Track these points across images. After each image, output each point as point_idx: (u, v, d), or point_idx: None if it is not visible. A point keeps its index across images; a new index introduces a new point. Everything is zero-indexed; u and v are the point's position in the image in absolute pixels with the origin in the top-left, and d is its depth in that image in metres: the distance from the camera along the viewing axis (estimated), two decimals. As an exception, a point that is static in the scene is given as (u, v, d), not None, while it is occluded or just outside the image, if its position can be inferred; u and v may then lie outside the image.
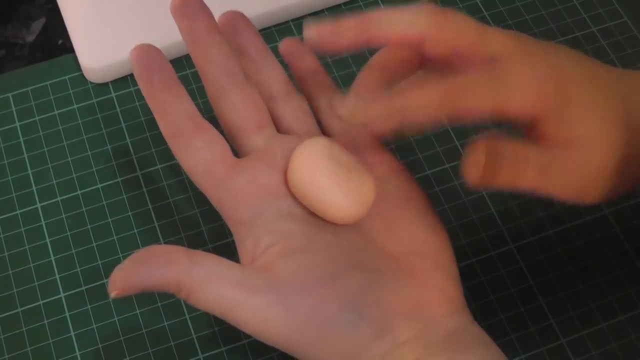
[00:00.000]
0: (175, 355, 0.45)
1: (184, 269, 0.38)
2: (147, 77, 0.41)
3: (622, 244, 0.48)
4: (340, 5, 0.56)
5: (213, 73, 0.43)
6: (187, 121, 0.41)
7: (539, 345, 0.45)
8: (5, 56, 0.55)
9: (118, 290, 0.38)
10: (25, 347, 0.45)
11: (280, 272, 0.38)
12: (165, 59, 0.42)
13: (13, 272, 0.47)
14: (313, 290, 0.37)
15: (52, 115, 0.52)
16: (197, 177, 0.41)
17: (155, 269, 0.38)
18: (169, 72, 0.42)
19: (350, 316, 0.37)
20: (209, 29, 0.43)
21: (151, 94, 0.41)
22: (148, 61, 0.42)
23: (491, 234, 0.48)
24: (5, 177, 0.50)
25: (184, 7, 0.43)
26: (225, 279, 0.38)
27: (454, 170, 0.50)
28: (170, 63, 0.42)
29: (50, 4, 0.56)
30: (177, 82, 0.42)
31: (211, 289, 0.38)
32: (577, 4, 0.56)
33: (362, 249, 0.39)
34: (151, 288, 0.38)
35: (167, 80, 0.42)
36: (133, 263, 0.38)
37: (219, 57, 0.43)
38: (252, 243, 0.39)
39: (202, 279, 0.38)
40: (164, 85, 0.41)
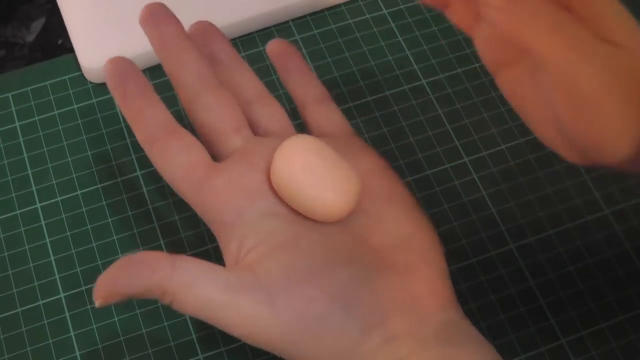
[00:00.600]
0: (175, 355, 0.45)
1: (166, 274, 0.38)
2: (121, 86, 0.42)
3: (622, 244, 0.48)
4: (340, 5, 0.56)
5: (186, 78, 0.43)
6: (163, 127, 0.41)
7: (539, 345, 0.45)
8: (5, 56, 0.55)
9: (101, 298, 0.38)
10: (25, 347, 0.45)
11: (265, 272, 0.38)
12: (138, 69, 0.42)
13: (13, 272, 0.47)
14: (299, 288, 0.37)
15: (52, 115, 0.52)
16: (176, 182, 0.41)
17: (136, 276, 0.38)
18: (142, 81, 0.42)
19: (338, 312, 0.37)
20: (178, 35, 0.43)
21: (125, 102, 0.42)
22: (121, 71, 0.42)
23: (491, 234, 0.48)
24: (5, 177, 0.50)
25: (152, 16, 0.43)
26: (209, 281, 0.38)
27: (454, 170, 0.50)
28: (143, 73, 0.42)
29: (50, 4, 0.56)
30: (151, 90, 0.42)
31: (194, 292, 0.37)
32: (577, 4, 0.56)
33: (348, 246, 0.39)
34: (134, 295, 0.38)
35: (141, 88, 0.42)
36: (114, 270, 0.38)
37: (190, 61, 0.43)
38: (235, 244, 0.39)
39: (184, 283, 0.38)
40: (138, 93, 0.42)
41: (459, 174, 0.50)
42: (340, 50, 0.55)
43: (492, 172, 0.50)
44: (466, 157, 0.51)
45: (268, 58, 0.54)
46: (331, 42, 0.55)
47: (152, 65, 0.54)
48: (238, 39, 0.55)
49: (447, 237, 0.47)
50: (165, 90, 0.53)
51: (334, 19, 0.56)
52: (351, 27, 0.55)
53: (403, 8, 0.56)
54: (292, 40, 0.55)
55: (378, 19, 0.56)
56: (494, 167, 0.50)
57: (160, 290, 0.38)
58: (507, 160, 0.50)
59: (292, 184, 0.39)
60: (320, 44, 0.55)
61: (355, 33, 0.55)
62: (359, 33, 0.55)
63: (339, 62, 0.54)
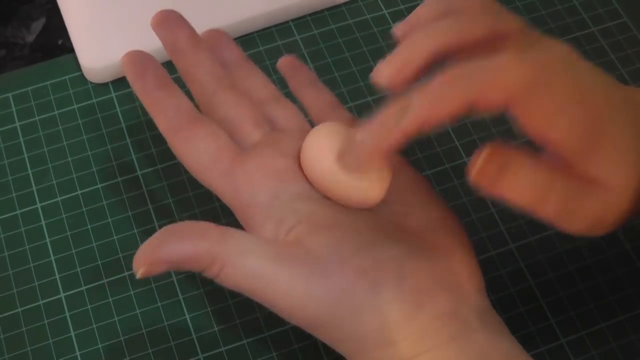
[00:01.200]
0: (175, 355, 0.45)
1: (217, 239, 0.37)
2: (141, 77, 0.41)
3: (622, 244, 0.48)
4: (340, 5, 0.56)
5: (202, 77, 0.43)
6: (186, 116, 0.41)
7: (539, 345, 0.45)
8: (5, 56, 0.55)
9: (144, 267, 0.36)
10: (25, 347, 0.45)
11: (316, 245, 0.37)
12: (156, 60, 0.42)
13: (13, 272, 0.47)
14: (352, 260, 0.37)
15: (52, 115, 0.52)
16: (202, 170, 0.40)
17: (186, 241, 0.37)
18: (161, 72, 0.42)
19: (392, 284, 0.36)
20: (192, 37, 0.43)
21: (145, 92, 0.41)
22: (139, 63, 0.42)
23: (491, 234, 0.48)
24: (5, 177, 0.50)
25: (166, 21, 0.43)
26: (260, 251, 0.37)
27: (454, 170, 0.50)
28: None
29: (50, 4, 0.56)
30: (170, 80, 0.42)
31: (245, 261, 0.36)
32: (577, 4, 0.56)
33: (389, 227, 0.39)
34: (180, 262, 0.36)
35: (160, 79, 0.42)
36: (160, 236, 0.37)
37: (206, 61, 0.43)
38: (273, 225, 0.39)
39: (236, 251, 0.37)
40: (158, 83, 0.41)
41: (459, 174, 0.50)
42: (340, 50, 0.55)
43: (492, 172, 0.50)
44: (466, 157, 0.51)
45: (268, 58, 0.54)
46: (331, 42, 0.55)
47: (152, 65, 0.54)
48: (238, 39, 0.55)
49: (447, 237, 0.47)
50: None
51: (334, 19, 0.56)
52: (351, 27, 0.55)
53: (403, 8, 0.56)
54: (292, 40, 0.55)
55: (378, 19, 0.56)
56: (494, 167, 0.50)
57: (209, 257, 0.37)
58: (507, 160, 0.50)
59: (324, 171, 0.39)
60: (320, 44, 0.55)
61: (355, 33, 0.55)
62: (359, 33, 0.55)
63: (339, 62, 0.54)
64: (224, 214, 0.49)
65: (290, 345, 0.45)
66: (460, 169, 0.50)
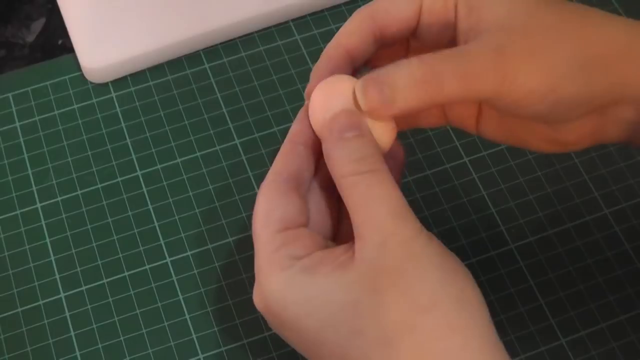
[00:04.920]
0: (175, 355, 0.45)
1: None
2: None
3: (622, 244, 0.48)
4: (340, 5, 0.56)
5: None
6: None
7: (539, 345, 0.45)
8: (5, 56, 0.55)
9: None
10: (25, 347, 0.45)
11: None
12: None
13: (13, 272, 0.47)
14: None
15: (52, 115, 0.52)
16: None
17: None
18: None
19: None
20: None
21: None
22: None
23: (491, 234, 0.48)
24: (5, 177, 0.50)
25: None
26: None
27: (454, 170, 0.50)
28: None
29: (50, 4, 0.56)
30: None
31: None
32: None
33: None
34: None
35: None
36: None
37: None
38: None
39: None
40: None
41: (459, 174, 0.50)
42: (340, 50, 0.54)
43: (492, 173, 0.50)
44: (466, 157, 0.51)
45: (268, 58, 0.54)
46: (331, 42, 0.55)
47: (152, 66, 0.54)
48: (238, 39, 0.55)
49: (447, 237, 0.47)
50: (166, 91, 0.53)
51: (334, 19, 0.56)
52: (351, 27, 0.55)
53: (403, 8, 0.56)
54: (292, 40, 0.55)
55: (378, 19, 0.56)
56: (494, 167, 0.50)
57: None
58: (507, 160, 0.50)
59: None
60: (320, 44, 0.54)
61: (355, 33, 0.55)
62: (359, 33, 0.55)
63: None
64: (224, 214, 0.49)
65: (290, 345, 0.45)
66: (460, 169, 0.50)
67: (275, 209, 0.38)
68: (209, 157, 0.51)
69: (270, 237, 0.37)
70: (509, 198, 0.49)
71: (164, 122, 0.52)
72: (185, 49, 0.54)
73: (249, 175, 0.50)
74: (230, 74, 0.54)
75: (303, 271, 0.36)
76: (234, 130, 0.51)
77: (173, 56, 0.54)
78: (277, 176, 0.38)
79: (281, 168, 0.38)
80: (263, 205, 0.38)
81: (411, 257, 0.36)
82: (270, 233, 0.37)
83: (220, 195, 0.49)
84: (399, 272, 0.35)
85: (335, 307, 0.36)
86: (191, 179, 0.50)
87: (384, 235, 0.36)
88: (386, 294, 0.35)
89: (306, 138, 0.39)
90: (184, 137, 0.51)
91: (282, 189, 0.38)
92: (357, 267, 0.36)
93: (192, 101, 0.53)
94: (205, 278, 0.47)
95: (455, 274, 0.36)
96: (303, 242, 0.37)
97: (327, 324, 0.36)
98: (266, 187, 0.38)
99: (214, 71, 0.54)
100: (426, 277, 0.35)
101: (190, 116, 0.52)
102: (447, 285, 0.36)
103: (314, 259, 0.37)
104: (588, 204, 0.49)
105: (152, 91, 0.53)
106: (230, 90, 0.53)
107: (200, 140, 0.51)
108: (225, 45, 0.55)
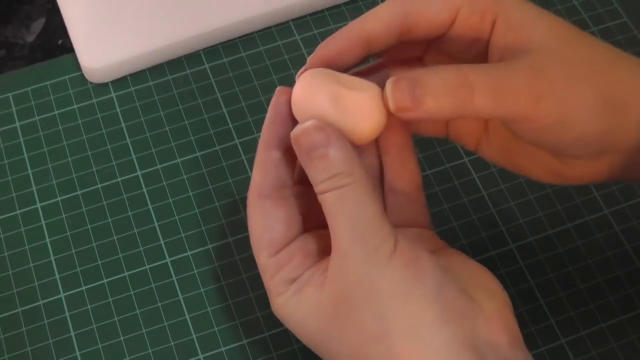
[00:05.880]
0: (175, 355, 0.45)
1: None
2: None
3: (622, 244, 0.48)
4: (340, 5, 0.56)
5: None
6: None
7: (539, 345, 0.45)
8: (5, 56, 0.55)
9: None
10: (25, 347, 0.45)
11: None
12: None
13: (13, 272, 0.47)
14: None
15: (52, 115, 0.52)
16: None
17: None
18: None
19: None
20: None
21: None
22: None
23: (491, 234, 0.48)
24: (5, 177, 0.50)
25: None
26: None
27: (454, 170, 0.50)
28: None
29: (50, 4, 0.56)
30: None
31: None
32: (577, 4, 0.56)
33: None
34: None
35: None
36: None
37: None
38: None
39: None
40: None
41: (459, 174, 0.50)
42: (340, 50, 0.54)
43: (492, 172, 0.50)
44: (466, 157, 0.51)
45: (268, 58, 0.54)
46: (331, 42, 0.55)
47: (152, 66, 0.54)
48: (238, 39, 0.55)
49: (447, 237, 0.47)
50: (166, 91, 0.53)
51: (334, 19, 0.56)
52: (351, 27, 0.55)
53: (403, 8, 0.56)
54: (292, 40, 0.55)
55: (378, 19, 0.56)
56: (494, 167, 0.50)
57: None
58: (507, 160, 0.50)
59: (320, 112, 0.37)
60: (320, 44, 0.54)
61: (355, 33, 0.55)
62: (359, 33, 0.55)
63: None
64: (224, 214, 0.49)
65: (290, 345, 0.45)
66: (460, 169, 0.50)
67: (263, 232, 0.38)
68: (209, 157, 0.51)
69: (265, 263, 0.38)
70: (509, 198, 0.49)
71: (164, 122, 0.52)
72: (185, 49, 0.54)
73: (249, 176, 0.50)
74: (230, 74, 0.54)
75: (294, 294, 0.38)
76: (234, 130, 0.51)
77: (173, 56, 0.54)
78: (259, 192, 0.39)
79: (260, 181, 0.39)
80: (253, 229, 0.39)
81: (361, 283, 0.35)
82: (264, 259, 0.38)
83: (220, 195, 0.49)
84: (352, 299, 0.36)
85: (312, 331, 0.37)
86: (191, 179, 0.50)
87: (341, 256, 0.36)
88: (343, 321, 0.36)
89: (277, 142, 0.39)
90: (184, 137, 0.51)
91: (265, 208, 0.38)
92: (326, 290, 0.37)
93: (192, 101, 0.53)
94: (205, 278, 0.47)
95: (411, 297, 0.35)
96: (295, 261, 0.38)
97: (312, 345, 0.38)
98: (251, 208, 0.39)
99: (214, 71, 0.54)
100: (375, 305, 0.35)
101: (190, 116, 0.52)
102: (398, 311, 0.35)
103: (302, 281, 0.38)
104: (588, 204, 0.49)
105: (152, 91, 0.53)
106: (230, 90, 0.53)
107: (200, 140, 0.51)
108: (225, 45, 0.55)
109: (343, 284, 0.36)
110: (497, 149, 0.41)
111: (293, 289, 0.38)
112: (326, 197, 0.36)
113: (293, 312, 0.38)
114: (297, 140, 0.37)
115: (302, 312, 0.37)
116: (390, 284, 0.35)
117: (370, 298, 0.35)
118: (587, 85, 0.37)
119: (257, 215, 0.38)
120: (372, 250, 0.35)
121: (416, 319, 0.35)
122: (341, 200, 0.36)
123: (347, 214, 0.36)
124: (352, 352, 0.36)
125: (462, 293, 0.36)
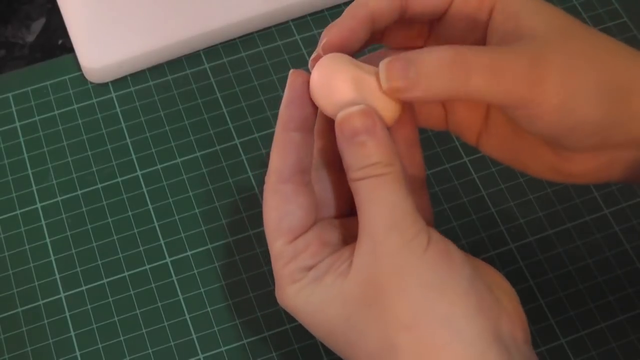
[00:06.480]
0: (175, 355, 0.45)
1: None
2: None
3: (622, 244, 0.48)
4: (340, 5, 0.56)
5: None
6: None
7: (539, 345, 0.45)
8: (5, 56, 0.55)
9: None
10: (25, 347, 0.45)
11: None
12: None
13: (13, 272, 0.47)
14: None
15: (52, 115, 0.52)
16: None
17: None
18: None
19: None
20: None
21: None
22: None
23: (491, 234, 0.48)
24: (5, 177, 0.50)
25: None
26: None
27: (454, 170, 0.50)
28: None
29: (50, 4, 0.56)
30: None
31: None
32: (577, 4, 0.56)
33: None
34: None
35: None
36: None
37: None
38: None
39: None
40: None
41: (459, 174, 0.50)
42: (340, 50, 0.54)
43: (493, 172, 0.50)
44: (466, 157, 0.51)
45: (268, 58, 0.54)
46: (331, 42, 0.55)
47: (152, 66, 0.54)
48: (238, 39, 0.55)
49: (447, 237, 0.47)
50: (166, 91, 0.53)
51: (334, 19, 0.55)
52: (351, 27, 0.55)
53: (403, 8, 0.56)
54: (292, 40, 0.55)
55: (378, 19, 0.56)
56: (494, 167, 0.50)
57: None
58: (507, 160, 0.50)
59: (343, 99, 0.37)
60: (320, 44, 0.54)
61: (355, 33, 0.55)
62: (359, 33, 0.55)
63: (339, 62, 0.54)
64: (224, 214, 0.49)
65: (290, 345, 0.45)
66: (460, 169, 0.50)
67: (283, 218, 0.38)
68: (209, 157, 0.51)
69: (282, 250, 0.38)
70: (509, 198, 0.49)
71: (164, 122, 0.52)
72: (185, 49, 0.54)
73: (249, 175, 0.50)
74: (230, 74, 0.54)
75: (311, 282, 0.37)
76: (234, 130, 0.52)
77: (173, 56, 0.54)
78: (279, 176, 0.38)
79: (281, 165, 0.38)
80: (270, 214, 0.38)
81: (395, 271, 0.35)
82: (281, 245, 0.38)
83: (220, 195, 0.49)
84: (383, 287, 0.35)
85: (333, 319, 0.36)
86: (191, 179, 0.50)
87: (374, 243, 0.36)
88: (372, 309, 0.35)
89: (299, 123, 0.38)
90: (184, 137, 0.51)
91: (286, 192, 0.38)
92: (352, 278, 0.36)
93: (192, 101, 0.53)
94: (205, 278, 0.47)
95: (446, 287, 0.35)
96: (312, 249, 0.37)
97: (328, 334, 0.37)
98: (271, 193, 0.38)
99: (214, 71, 0.54)
100: (408, 294, 0.35)
101: (190, 116, 0.52)
102: (433, 301, 0.35)
103: (321, 269, 0.37)
104: (588, 204, 0.49)
105: (152, 91, 0.53)
106: (230, 90, 0.53)
107: (200, 140, 0.51)
108: (225, 45, 0.55)
109: (375, 272, 0.35)
110: (497, 143, 0.41)
111: (310, 276, 0.37)
112: (362, 184, 0.36)
113: (308, 301, 0.37)
114: (342, 123, 0.36)
115: (320, 300, 0.37)
116: (426, 274, 0.35)
117: (403, 287, 0.35)
118: (588, 73, 0.36)
119: (277, 200, 0.38)
120: (408, 239, 0.35)
121: (451, 309, 0.35)
122: (379, 188, 0.36)
123: (384, 202, 0.35)
124: (377, 342, 0.35)
125: (489, 288, 0.36)
